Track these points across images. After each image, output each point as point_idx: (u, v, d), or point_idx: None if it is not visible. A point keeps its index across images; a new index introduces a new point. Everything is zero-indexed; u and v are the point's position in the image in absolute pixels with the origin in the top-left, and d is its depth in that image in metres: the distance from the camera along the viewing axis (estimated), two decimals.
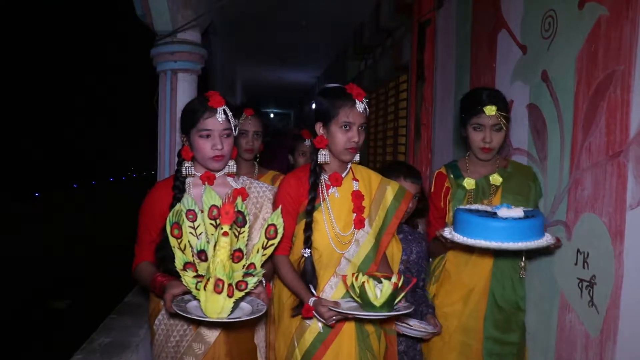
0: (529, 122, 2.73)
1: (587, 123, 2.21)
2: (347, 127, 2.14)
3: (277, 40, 8.67)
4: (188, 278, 1.79)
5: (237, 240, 1.87)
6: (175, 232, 1.84)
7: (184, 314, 1.75)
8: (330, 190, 2.25)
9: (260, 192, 2.29)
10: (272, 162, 3.95)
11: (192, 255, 1.85)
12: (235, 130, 2.17)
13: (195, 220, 1.89)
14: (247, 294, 1.84)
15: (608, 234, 2.06)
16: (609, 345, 2.04)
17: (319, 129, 2.20)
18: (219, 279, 1.73)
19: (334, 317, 2.07)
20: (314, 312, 2.10)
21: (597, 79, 2.16)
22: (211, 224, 1.91)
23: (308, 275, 2.18)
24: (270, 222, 1.90)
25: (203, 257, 1.84)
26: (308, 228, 2.19)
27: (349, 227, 2.24)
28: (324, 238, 2.21)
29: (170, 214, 1.87)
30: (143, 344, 2.71)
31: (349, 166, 2.31)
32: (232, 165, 2.21)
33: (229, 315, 1.78)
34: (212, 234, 1.87)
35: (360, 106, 2.15)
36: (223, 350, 2.09)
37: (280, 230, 1.91)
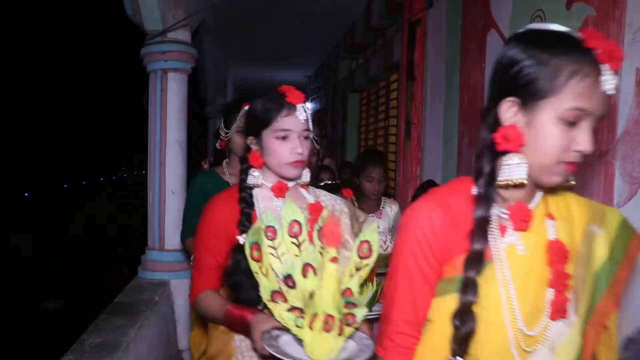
0: None
1: None
2: (575, 118, 1.06)
3: (268, 40, 8.66)
4: (284, 313, 1.47)
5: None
6: (255, 254, 1.54)
7: (284, 358, 1.39)
8: (508, 238, 1.14)
9: (336, 206, 1.85)
10: None
11: (277, 282, 1.52)
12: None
13: (275, 239, 1.56)
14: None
15: None
16: None
17: (511, 111, 1.10)
18: (329, 315, 1.43)
19: None
20: None
21: None
22: (293, 242, 1.56)
23: None
24: (363, 239, 1.52)
25: (291, 284, 1.50)
26: (466, 315, 1.09)
27: (537, 313, 1.12)
28: (496, 336, 1.11)
29: (249, 233, 1.57)
30: (133, 344, 2.70)
31: (540, 192, 1.20)
32: (305, 174, 1.81)
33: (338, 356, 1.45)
34: (297, 255, 1.55)
35: (610, 81, 1.04)
36: None
37: (376, 248, 1.50)
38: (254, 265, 1.53)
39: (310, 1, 6.43)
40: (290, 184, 1.78)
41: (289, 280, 1.48)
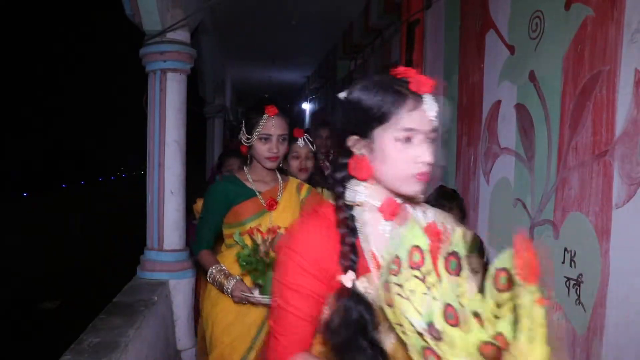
0: (516, 121, 2.75)
1: (573, 123, 2.23)
2: None
3: (267, 40, 8.67)
4: None
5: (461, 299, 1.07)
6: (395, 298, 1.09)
7: None
8: None
9: (447, 225, 1.33)
10: None
11: (420, 334, 1.06)
12: None
13: (399, 273, 1.09)
14: None
15: (594, 232, 2.08)
16: (596, 342, 2.06)
17: None
18: None
19: None
20: None
21: (584, 79, 2.18)
22: (416, 276, 1.09)
23: None
24: (499, 266, 1.07)
25: (436, 334, 1.05)
26: None
27: None
28: None
29: (383, 269, 1.12)
30: (132, 344, 2.70)
31: None
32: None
33: None
34: (424, 293, 1.07)
35: None
36: None
37: (517, 279, 1.04)
38: (392, 315, 1.08)
39: (308, 1, 6.43)
40: (399, 200, 1.31)
41: (432, 329, 1.05)
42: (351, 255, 1.20)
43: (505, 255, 1.06)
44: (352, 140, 1.26)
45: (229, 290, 2.32)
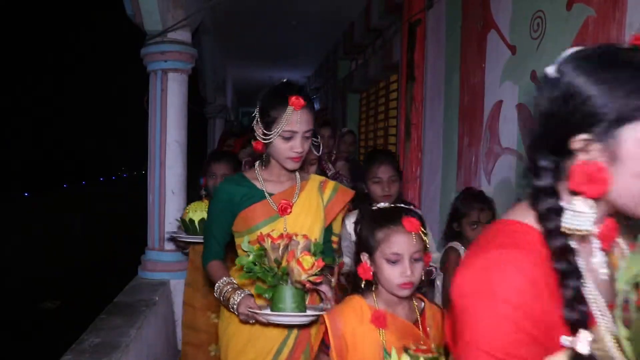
0: (518, 121, 2.74)
1: None
2: None
3: (267, 40, 8.67)
4: None
5: None
6: None
7: None
8: None
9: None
10: None
11: None
12: None
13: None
14: None
15: None
16: None
17: None
18: None
19: None
20: None
21: None
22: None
23: None
24: None
25: None
26: None
27: None
28: None
29: (618, 319, 0.81)
30: (133, 344, 2.70)
31: None
32: None
33: None
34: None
35: None
36: None
37: None
38: None
39: (308, 1, 6.43)
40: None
41: None
42: (579, 304, 0.84)
43: None
44: (580, 141, 0.87)
45: (234, 306, 1.92)
